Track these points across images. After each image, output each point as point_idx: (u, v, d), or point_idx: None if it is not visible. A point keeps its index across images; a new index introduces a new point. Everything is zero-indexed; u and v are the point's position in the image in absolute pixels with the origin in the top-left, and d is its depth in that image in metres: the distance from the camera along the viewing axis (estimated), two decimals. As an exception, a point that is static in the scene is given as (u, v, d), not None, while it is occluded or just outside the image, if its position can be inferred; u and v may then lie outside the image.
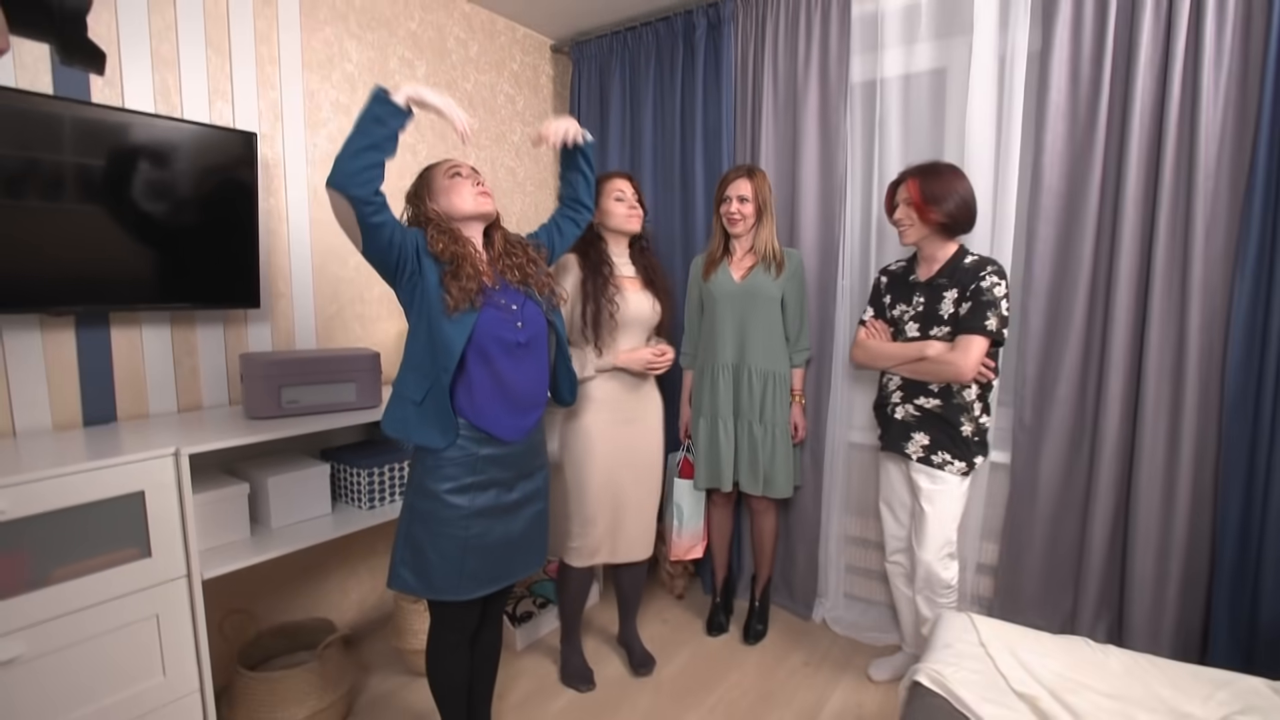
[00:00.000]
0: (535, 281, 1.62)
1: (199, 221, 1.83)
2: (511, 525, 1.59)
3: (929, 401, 1.85)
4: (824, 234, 2.38)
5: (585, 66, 2.89)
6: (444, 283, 1.45)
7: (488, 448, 1.52)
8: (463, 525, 1.51)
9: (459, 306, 1.43)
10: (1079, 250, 1.95)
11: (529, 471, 1.63)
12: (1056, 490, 2.04)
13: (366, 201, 1.35)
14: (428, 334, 1.46)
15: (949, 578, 1.88)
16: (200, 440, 1.58)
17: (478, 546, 1.53)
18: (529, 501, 1.63)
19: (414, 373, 1.48)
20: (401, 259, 1.44)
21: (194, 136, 1.80)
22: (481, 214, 1.55)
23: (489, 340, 1.48)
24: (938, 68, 2.23)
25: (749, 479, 2.25)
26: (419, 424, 1.48)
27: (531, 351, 1.57)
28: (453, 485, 1.50)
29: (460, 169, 1.57)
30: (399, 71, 2.40)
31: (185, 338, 1.91)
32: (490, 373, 1.50)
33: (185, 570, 1.53)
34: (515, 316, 1.53)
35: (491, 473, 1.54)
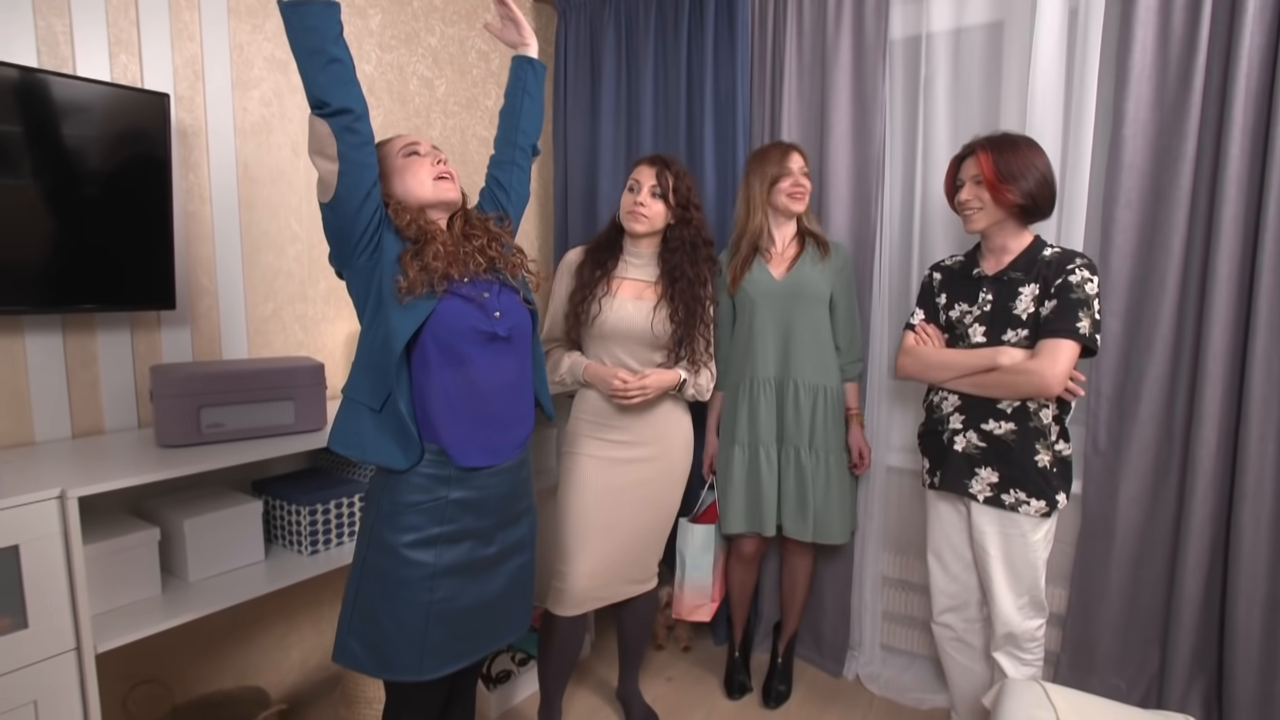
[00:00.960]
0: (503, 262, 1.48)
1: (95, 205, 1.65)
2: (487, 585, 1.44)
3: (1000, 426, 1.69)
4: (858, 218, 2.24)
5: (573, 19, 2.72)
6: (401, 260, 1.32)
7: (459, 489, 1.37)
8: (426, 587, 1.35)
9: (414, 290, 1.30)
10: (1167, 240, 1.81)
11: (513, 517, 1.48)
12: (1138, 527, 1.91)
13: (346, 111, 1.25)
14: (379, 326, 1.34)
15: (1033, 628, 1.74)
16: (96, 477, 1.40)
17: (445, 613, 1.38)
18: (511, 554, 1.48)
19: (370, 374, 1.35)
20: (372, 221, 1.32)
21: (88, 98, 1.61)
22: (442, 201, 1.43)
23: (457, 334, 1.35)
24: (994, 20, 2.09)
25: (796, 521, 2.09)
26: (376, 438, 1.33)
27: (513, 348, 1.44)
28: (415, 537, 1.34)
29: (418, 146, 1.44)
30: (349, 21, 2.22)
31: (82, 346, 1.73)
32: (461, 376, 1.36)
33: (74, 643, 1.35)
34: (490, 305, 1.40)
35: (464, 521, 1.39)
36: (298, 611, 2.19)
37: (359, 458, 1.35)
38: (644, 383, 1.87)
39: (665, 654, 2.51)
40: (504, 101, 1.66)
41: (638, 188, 1.92)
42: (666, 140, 2.56)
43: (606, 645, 2.50)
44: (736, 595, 2.28)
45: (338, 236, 1.33)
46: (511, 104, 1.64)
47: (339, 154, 1.26)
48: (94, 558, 1.46)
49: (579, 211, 2.72)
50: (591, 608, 1.96)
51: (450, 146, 2.55)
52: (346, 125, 1.25)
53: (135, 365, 1.82)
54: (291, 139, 2.08)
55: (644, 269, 1.97)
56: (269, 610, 2.11)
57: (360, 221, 1.30)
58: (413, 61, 2.42)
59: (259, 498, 1.84)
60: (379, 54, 2.31)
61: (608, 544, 1.93)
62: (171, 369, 1.69)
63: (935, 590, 1.91)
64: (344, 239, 1.32)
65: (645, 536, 2.00)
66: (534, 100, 1.64)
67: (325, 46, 1.22)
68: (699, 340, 1.96)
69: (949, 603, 1.90)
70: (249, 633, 2.08)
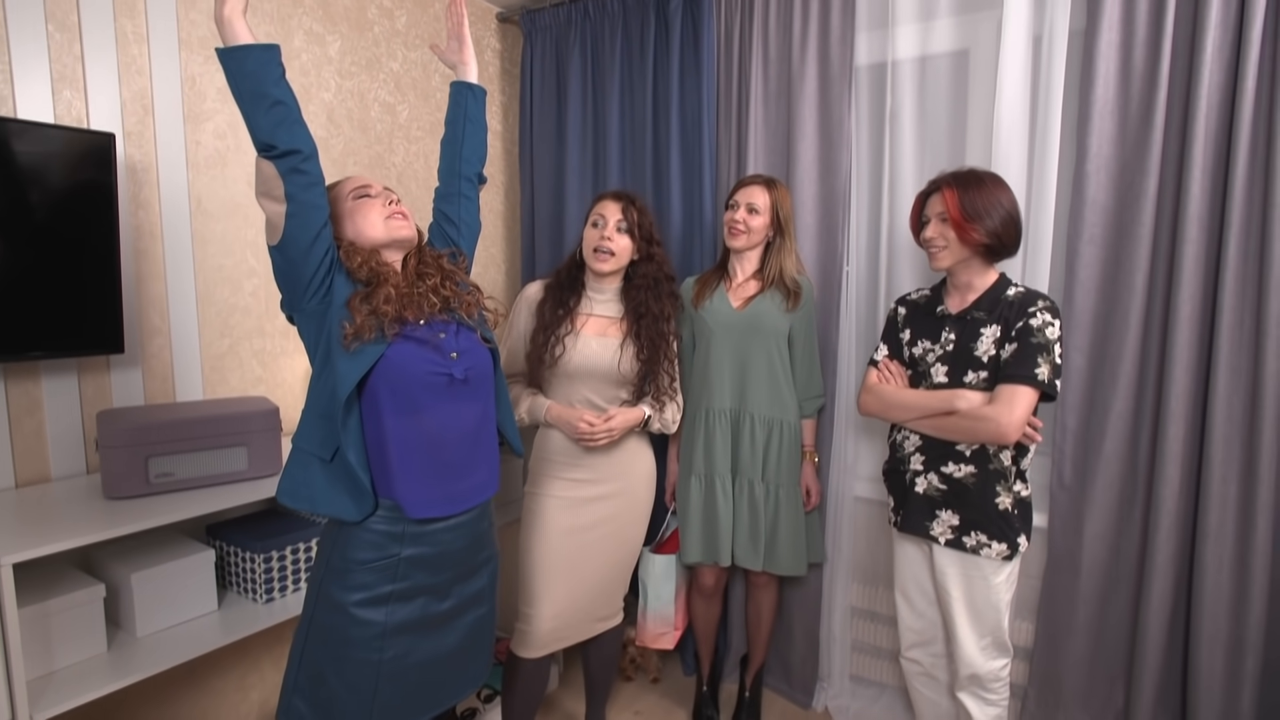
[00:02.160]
0: (458, 301, 1.43)
1: (35, 251, 1.60)
2: (442, 640, 1.40)
3: (959, 469, 1.68)
4: (823, 248, 2.22)
5: (539, 40, 2.68)
6: (349, 305, 1.28)
7: (412, 546, 1.33)
8: (376, 646, 1.32)
9: (361, 335, 1.25)
10: (1130, 278, 1.80)
11: (470, 570, 1.44)
12: (1103, 563, 1.90)
13: (293, 152, 1.21)
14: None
15: (997, 668, 1.73)
16: (35, 537, 1.36)
17: (396, 671, 1.34)
18: (468, 607, 1.45)
19: (320, 422, 1.30)
20: (323, 264, 1.28)
21: (27, 140, 1.57)
22: (396, 240, 1.38)
23: (410, 379, 1.30)
24: (960, 49, 2.08)
25: (747, 551, 2.08)
26: (327, 489, 1.29)
27: (473, 390, 1.39)
28: (365, 596, 1.30)
29: (369, 188, 1.40)
30: (305, 50, 2.18)
31: (25, 392, 1.68)
32: (415, 423, 1.31)
33: (9, 713, 1.31)
34: (446, 345, 1.36)
35: (417, 578, 1.35)
36: (257, 650, 2.16)
37: (309, 510, 1.31)
38: (610, 425, 1.85)
39: (634, 686, 2.49)
40: (445, 130, 1.59)
41: (603, 223, 1.89)
42: (633, 165, 2.53)
43: (575, 677, 2.48)
44: (700, 629, 2.26)
45: (287, 280, 1.29)
46: (453, 132, 1.56)
47: (286, 194, 1.22)
48: (34, 619, 1.42)
49: (545, 236, 2.69)
50: (556, 648, 1.94)
51: (414, 172, 2.52)
52: (294, 166, 1.22)
53: (83, 410, 1.77)
54: (247, 171, 2.03)
55: (607, 305, 1.95)
56: (227, 650, 2.07)
57: (310, 264, 1.26)
58: (374, 88, 2.38)
59: (212, 544, 1.81)
60: (339, 81, 2.27)
61: (572, 584, 1.91)
62: (118, 416, 1.65)
63: (902, 626, 1.90)
64: (294, 282, 1.28)
65: (610, 573, 1.99)
66: (476, 126, 1.57)
67: (267, 90, 1.19)
68: (663, 376, 1.94)
69: (916, 638, 1.89)
70: (205, 676, 2.04)
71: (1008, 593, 1.70)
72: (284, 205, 1.23)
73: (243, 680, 2.13)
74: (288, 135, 1.21)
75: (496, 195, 2.86)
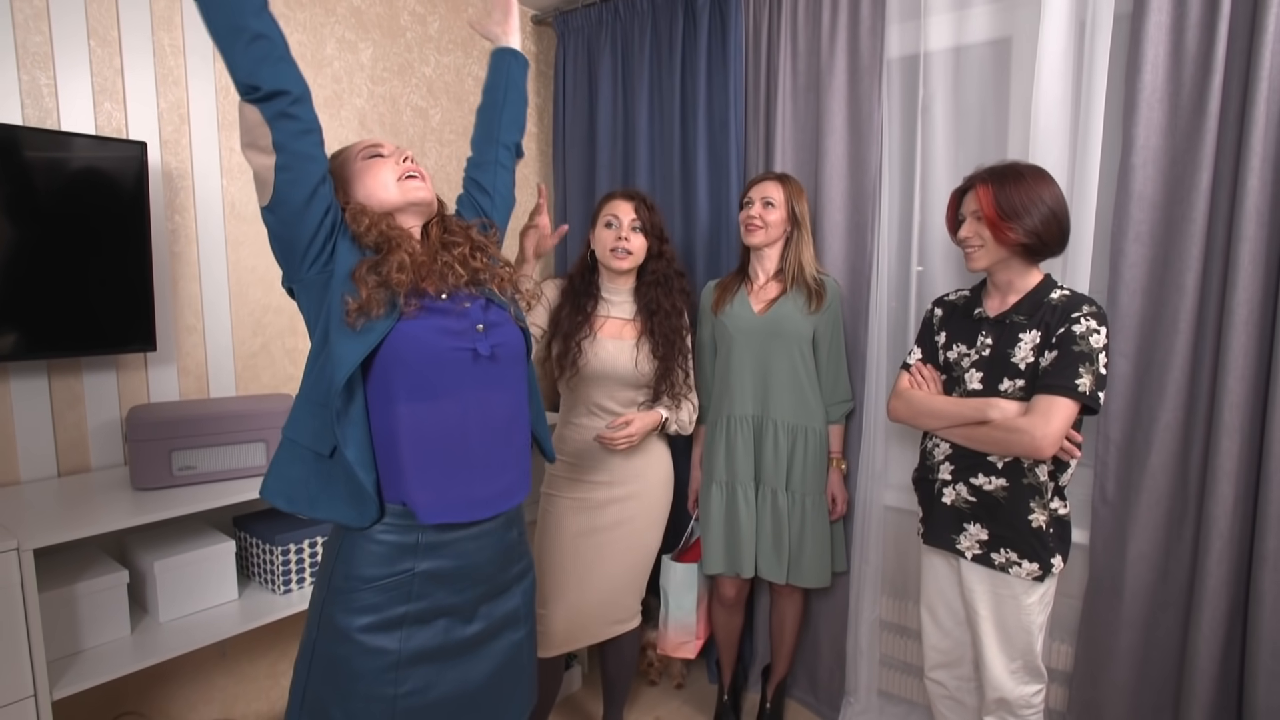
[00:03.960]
0: (489, 275, 1.25)
1: (72, 254, 1.69)
2: (470, 670, 1.20)
3: (990, 481, 1.57)
4: (853, 247, 2.13)
5: (571, 41, 2.68)
6: (354, 275, 1.10)
7: (428, 559, 1.14)
8: (390, 680, 1.12)
9: (367, 310, 1.07)
10: (1180, 277, 1.66)
11: (500, 587, 1.24)
12: (1148, 585, 1.76)
13: (280, 93, 1.05)
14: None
15: (1029, 694, 1.62)
16: (64, 522, 1.45)
17: (416, 709, 1.14)
18: (500, 630, 1.24)
19: (318, 410, 1.12)
20: (323, 225, 1.12)
21: (64, 150, 1.66)
22: (411, 203, 1.22)
23: (428, 356, 1.12)
24: (998, 38, 1.96)
25: (771, 562, 2.02)
26: (323, 490, 1.12)
27: (503, 373, 1.20)
28: (373, 619, 1.12)
29: (381, 147, 1.25)
30: (338, 57, 2.23)
31: (68, 387, 1.78)
32: (432, 412, 1.12)
33: (31, 690, 1.39)
34: (472, 315, 1.19)
35: (436, 597, 1.15)
36: (287, 639, 2.22)
37: (304, 513, 1.14)
38: (630, 431, 1.83)
39: (657, 690, 2.46)
40: (483, 98, 1.46)
41: (617, 223, 1.88)
42: (662, 164, 2.50)
43: (597, 678, 2.46)
44: (722, 639, 2.21)
45: (282, 246, 1.12)
46: (493, 98, 1.44)
47: (275, 144, 1.06)
48: (60, 602, 1.50)
49: (577, 237, 2.68)
50: (569, 649, 1.94)
51: (446, 174, 2.55)
52: (281, 110, 1.06)
53: (121, 404, 1.86)
54: (279, 176, 2.10)
55: (622, 306, 1.93)
56: (257, 637, 2.15)
57: (306, 225, 1.10)
58: (406, 92, 2.42)
59: (236, 534, 1.88)
60: (371, 87, 2.32)
61: (585, 586, 1.90)
62: (147, 411, 1.72)
63: (927, 645, 1.81)
64: (289, 249, 1.12)
65: (625, 576, 1.96)
66: (518, 93, 1.46)
67: (244, 21, 1.02)
68: (677, 373, 1.92)
69: (941, 659, 1.79)
70: (236, 661, 2.12)
71: (1041, 615, 1.59)
72: (272, 157, 1.06)
73: (273, 666, 2.20)
74: (272, 73, 1.04)
75: (529, 196, 2.86)
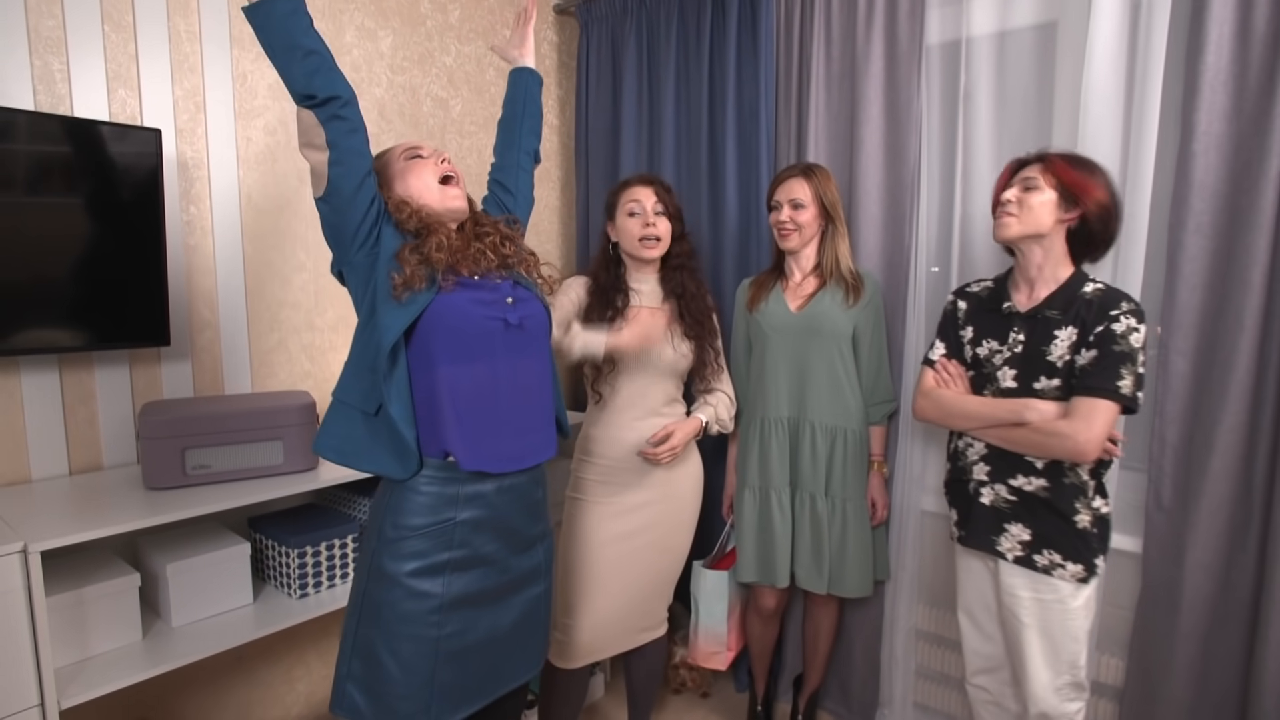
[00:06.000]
0: (518, 260, 1.42)
1: (85, 245, 1.63)
2: (500, 617, 1.35)
3: (1030, 481, 1.49)
4: (890, 241, 2.04)
5: (595, 31, 2.60)
6: (399, 256, 1.25)
7: (468, 509, 1.28)
8: (434, 622, 1.26)
9: (411, 284, 1.22)
10: (1245, 273, 1.56)
11: (528, 542, 1.39)
12: (1209, 598, 1.65)
13: (333, 98, 1.22)
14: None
15: (1072, 710, 1.53)
16: (73, 522, 1.38)
17: (454, 650, 1.28)
18: (524, 583, 1.39)
19: (364, 375, 1.27)
20: (370, 212, 1.27)
21: (78, 137, 1.59)
22: (451, 212, 1.37)
23: (467, 323, 1.27)
24: (1045, 21, 1.87)
25: (810, 572, 1.93)
26: (370, 444, 1.26)
27: (531, 342, 1.36)
28: (420, 565, 1.25)
29: (420, 149, 1.39)
30: (357, 45, 2.16)
31: (79, 382, 1.72)
32: (470, 372, 1.27)
33: (37, 699, 1.32)
34: (501, 293, 1.34)
35: (475, 544, 1.30)
36: (303, 643, 2.15)
37: (353, 465, 1.28)
38: (672, 444, 1.77)
39: (682, 700, 2.37)
40: (503, 112, 1.66)
41: (641, 210, 1.81)
42: (689, 157, 2.41)
43: (621, 685, 2.37)
44: (756, 650, 2.12)
45: (335, 232, 1.28)
46: (513, 111, 1.64)
47: (329, 141, 1.22)
48: (68, 605, 1.44)
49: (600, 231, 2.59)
50: (596, 659, 1.86)
51: (466, 166, 2.45)
52: (334, 113, 1.22)
53: (134, 401, 1.80)
54: (297, 167, 2.03)
55: (651, 295, 1.87)
56: (274, 642, 2.08)
57: (356, 211, 1.25)
58: (426, 82, 2.34)
59: (251, 536, 1.81)
60: (390, 76, 2.25)
61: (612, 594, 1.82)
62: (159, 408, 1.65)
63: (968, 650, 1.72)
64: (341, 233, 1.27)
65: (653, 583, 1.88)
66: (536, 106, 1.66)
67: (297, 40, 1.19)
68: (709, 351, 1.87)
69: (983, 664, 1.70)
70: (252, 666, 2.05)
71: (1086, 621, 1.50)
72: (326, 153, 1.22)
73: (289, 672, 2.13)
74: (325, 82, 1.21)
75: (552, 190, 2.80)
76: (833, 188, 1.87)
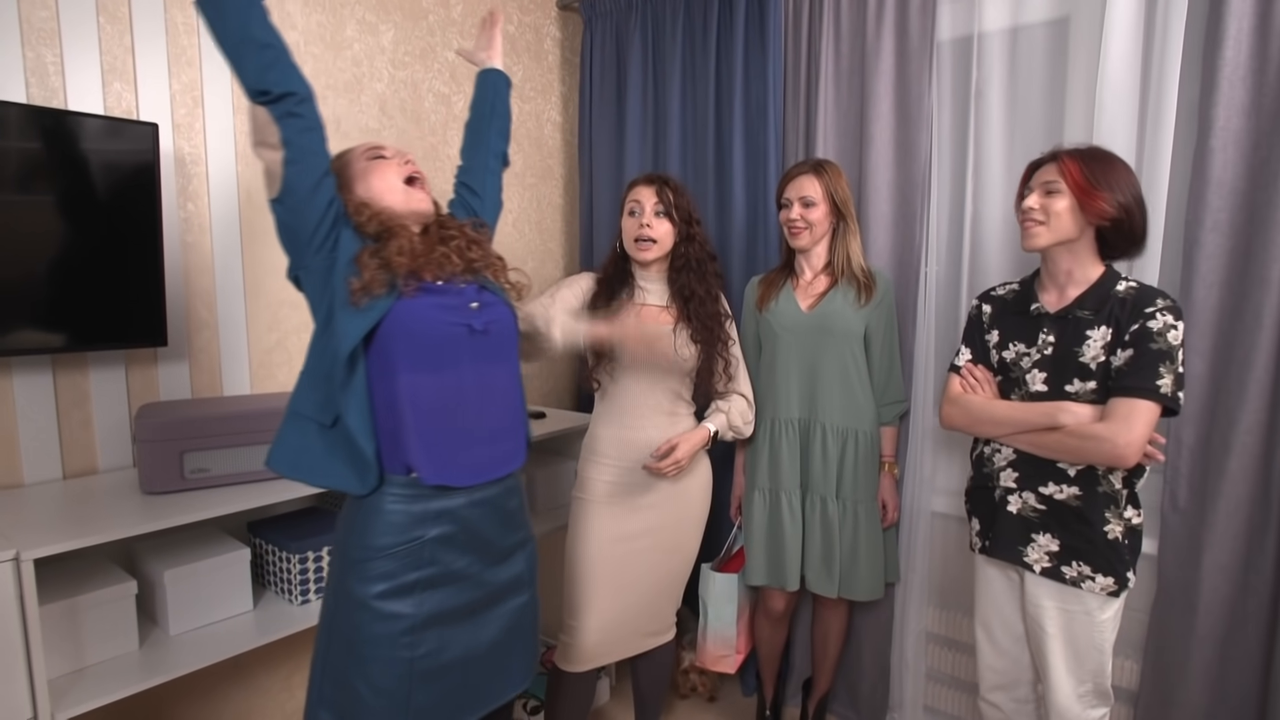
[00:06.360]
0: (484, 264, 1.36)
1: (79, 243, 1.58)
2: (480, 632, 1.29)
3: (1062, 490, 1.44)
4: (900, 241, 2.01)
5: (599, 27, 2.56)
6: (358, 260, 1.19)
7: (437, 525, 1.22)
8: (406, 643, 1.20)
9: (370, 289, 1.16)
10: (1264, 270, 1.54)
11: (505, 553, 1.33)
12: (1225, 598, 1.63)
13: (288, 95, 1.14)
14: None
15: (1095, 718, 1.50)
16: (68, 529, 1.33)
17: (431, 670, 1.23)
18: (505, 595, 1.33)
19: (322, 385, 1.21)
20: (327, 215, 1.20)
21: (71, 132, 1.54)
22: (415, 214, 1.30)
23: (426, 331, 1.21)
24: (1058, 17, 1.84)
25: (820, 576, 1.90)
26: (327, 458, 1.20)
27: (496, 347, 1.31)
28: (389, 586, 1.19)
29: (383, 150, 1.33)
30: (358, 39, 2.12)
31: (74, 384, 1.67)
32: (432, 383, 1.22)
33: (30, 711, 1.27)
34: (465, 297, 1.28)
35: (447, 561, 1.24)
36: (304, 649, 2.11)
37: (308, 480, 1.22)
38: (677, 457, 1.72)
39: (690, 704, 2.34)
40: (470, 115, 1.60)
41: (639, 210, 1.77)
42: (695, 154, 2.38)
43: (627, 689, 2.34)
44: (765, 653, 2.08)
45: (290, 234, 1.21)
46: (481, 113, 1.58)
47: (284, 140, 1.15)
48: (62, 614, 1.39)
49: (605, 230, 2.56)
50: (602, 663, 1.82)
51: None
52: (289, 110, 1.15)
53: (130, 403, 1.75)
54: (297, 164, 1.98)
55: (657, 294, 1.83)
56: (273, 648, 2.03)
57: (312, 213, 1.18)
58: (428, 78, 2.30)
59: (251, 541, 1.76)
60: (392, 71, 2.21)
61: (619, 596, 1.79)
62: (155, 410, 1.61)
63: (982, 665, 1.68)
64: (297, 236, 1.20)
65: (661, 586, 1.85)
66: (505, 108, 1.61)
67: (252, 33, 1.12)
68: (718, 361, 1.80)
69: (997, 680, 1.66)
70: (251, 673, 2.00)
71: (1113, 632, 1.46)
72: (281, 151, 1.16)
73: (289, 680, 2.09)
74: (280, 77, 1.14)
75: (555, 189, 2.76)
76: (844, 184, 1.84)
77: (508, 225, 2.59)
